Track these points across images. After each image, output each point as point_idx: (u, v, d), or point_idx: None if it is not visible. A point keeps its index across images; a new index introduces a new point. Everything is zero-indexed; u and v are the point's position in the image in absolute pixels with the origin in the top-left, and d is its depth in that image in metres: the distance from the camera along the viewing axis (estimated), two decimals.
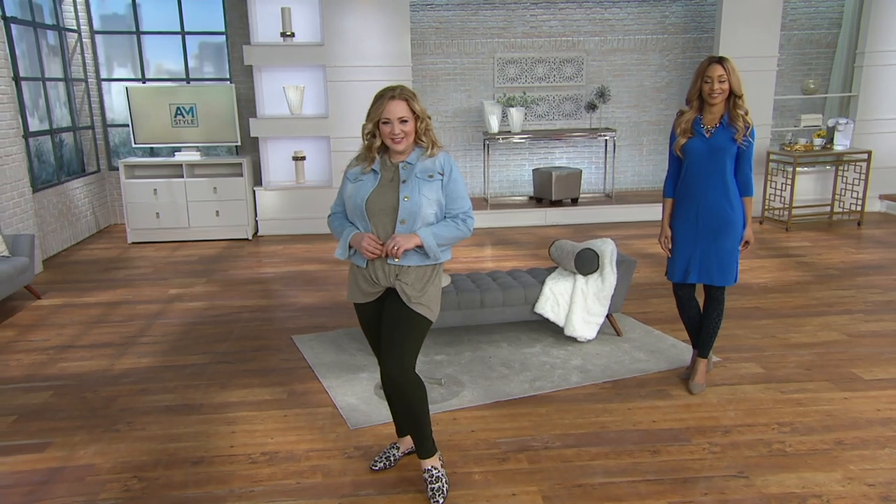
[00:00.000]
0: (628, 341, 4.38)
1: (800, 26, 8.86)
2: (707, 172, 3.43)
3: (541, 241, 7.22)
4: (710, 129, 3.42)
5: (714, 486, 2.83)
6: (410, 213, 2.63)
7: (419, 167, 2.67)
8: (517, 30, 8.65)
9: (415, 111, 2.63)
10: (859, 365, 3.98)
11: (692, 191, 3.49)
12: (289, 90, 7.68)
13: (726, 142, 3.39)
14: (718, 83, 3.32)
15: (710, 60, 3.38)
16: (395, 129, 2.60)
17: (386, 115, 2.60)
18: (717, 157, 3.41)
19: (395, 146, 2.64)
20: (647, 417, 3.43)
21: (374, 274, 2.73)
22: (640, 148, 9.09)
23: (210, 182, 7.60)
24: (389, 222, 2.67)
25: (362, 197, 2.67)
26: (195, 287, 5.94)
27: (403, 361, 2.71)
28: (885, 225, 7.66)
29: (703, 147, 3.42)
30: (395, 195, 2.65)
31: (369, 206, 2.66)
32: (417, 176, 2.66)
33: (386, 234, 2.67)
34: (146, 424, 3.51)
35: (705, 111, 3.44)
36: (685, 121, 3.47)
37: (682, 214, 3.56)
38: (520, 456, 3.11)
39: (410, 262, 2.69)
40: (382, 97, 2.62)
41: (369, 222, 2.68)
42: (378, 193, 2.67)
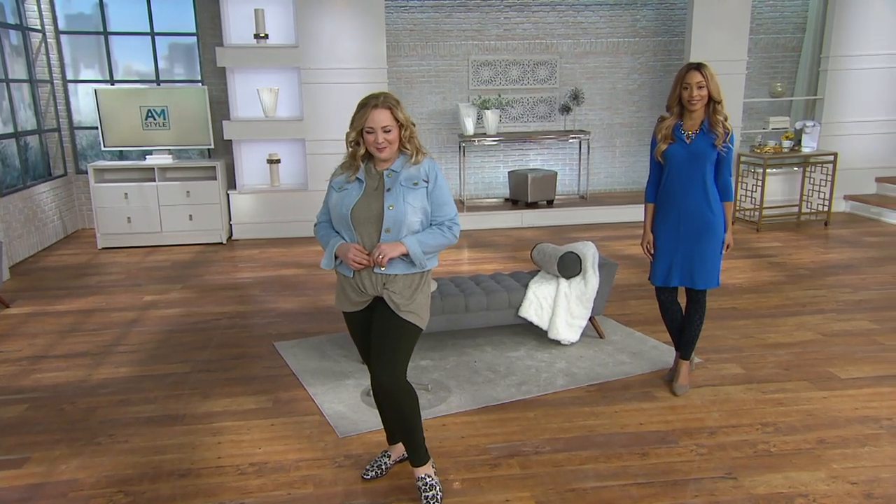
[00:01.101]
0: (611, 343, 4.42)
1: (766, 30, 9.04)
2: (688, 178, 3.48)
3: (518, 244, 7.26)
4: (690, 135, 3.46)
5: (704, 487, 2.88)
6: (395, 222, 2.62)
7: (404, 175, 2.66)
8: (491, 32, 8.68)
9: (398, 119, 2.62)
10: (835, 364, 4.08)
11: (673, 196, 3.54)
12: (263, 92, 7.59)
13: (706, 147, 3.43)
14: (697, 89, 3.37)
15: (689, 67, 3.41)
16: (379, 137, 2.59)
17: (369, 124, 2.58)
18: (698, 163, 3.45)
19: (379, 154, 2.63)
20: (633, 420, 3.46)
21: (361, 283, 2.72)
22: (613, 150, 9.20)
23: (183, 186, 7.48)
24: (374, 231, 2.65)
25: (347, 206, 2.66)
26: (170, 293, 5.83)
27: (395, 370, 2.71)
28: (850, 225, 7.86)
29: (683, 153, 3.47)
30: (380, 204, 2.64)
31: (354, 216, 2.65)
32: (402, 184, 2.64)
33: (371, 243, 2.66)
34: (128, 437, 3.44)
35: (685, 117, 3.49)
36: (665, 127, 3.52)
37: (664, 219, 3.61)
38: (511, 461, 3.12)
39: (397, 270, 2.68)
40: (366, 106, 2.60)
41: (354, 232, 2.67)
42: (363, 202, 2.66)
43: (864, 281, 5.70)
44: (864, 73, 8.40)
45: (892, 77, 8.42)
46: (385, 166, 2.69)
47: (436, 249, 2.73)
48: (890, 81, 8.43)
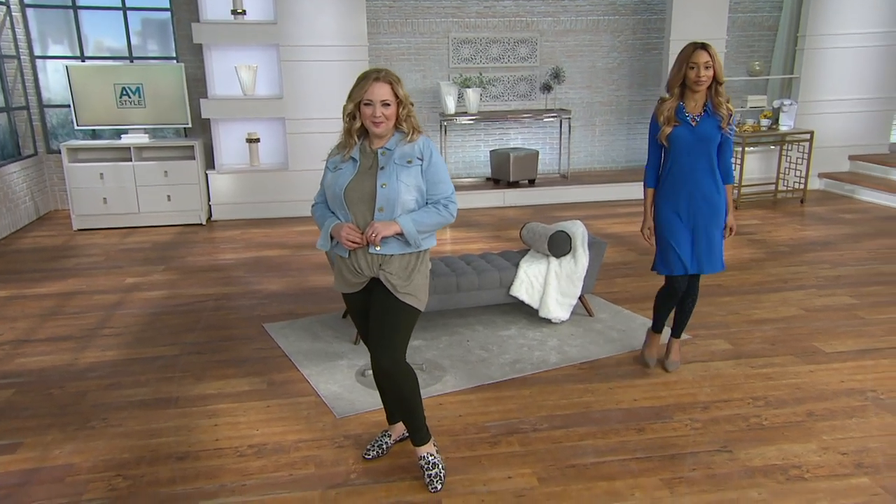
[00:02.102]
0: (600, 321, 4.48)
1: (743, 9, 9.11)
2: (695, 161, 3.39)
3: (501, 223, 7.28)
4: (695, 118, 3.36)
5: (700, 461, 2.95)
6: (388, 201, 2.59)
7: (398, 153, 2.62)
8: (471, 9, 8.60)
9: (398, 95, 2.59)
10: (819, 338, 4.18)
11: (681, 180, 3.43)
12: (241, 70, 7.45)
13: (713, 130, 3.35)
14: (704, 69, 3.25)
15: (695, 46, 3.30)
16: (377, 111, 2.55)
17: (368, 97, 2.55)
18: (705, 146, 3.37)
19: (375, 129, 2.59)
20: (628, 396, 3.52)
21: (357, 264, 2.70)
22: (593, 128, 9.23)
23: (160, 165, 7.33)
24: (368, 210, 2.63)
25: (341, 186, 2.64)
26: (153, 275, 5.74)
27: (394, 352, 2.70)
28: (825, 202, 8.02)
29: (689, 136, 3.36)
30: (373, 182, 2.61)
31: (348, 195, 2.63)
32: (396, 162, 2.61)
33: (365, 223, 2.63)
34: (122, 420, 3.40)
35: (687, 98, 3.37)
36: (668, 108, 3.38)
37: (670, 204, 3.48)
38: (510, 439, 3.15)
39: (392, 250, 2.66)
40: (367, 78, 2.57)
41: (349, 211, 2.64)
42: (357, 181, 2.63)
43: (842, 257, 5.83)
44: (839, 51, 8.52)
45: (867, 56, 8.56)
46: (380, 144, 2.65)
47: (431, 228, 2.70)
48: (864, 60, 8.57)
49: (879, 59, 8.60)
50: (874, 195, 7.98)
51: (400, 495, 2.77)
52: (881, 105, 8.79)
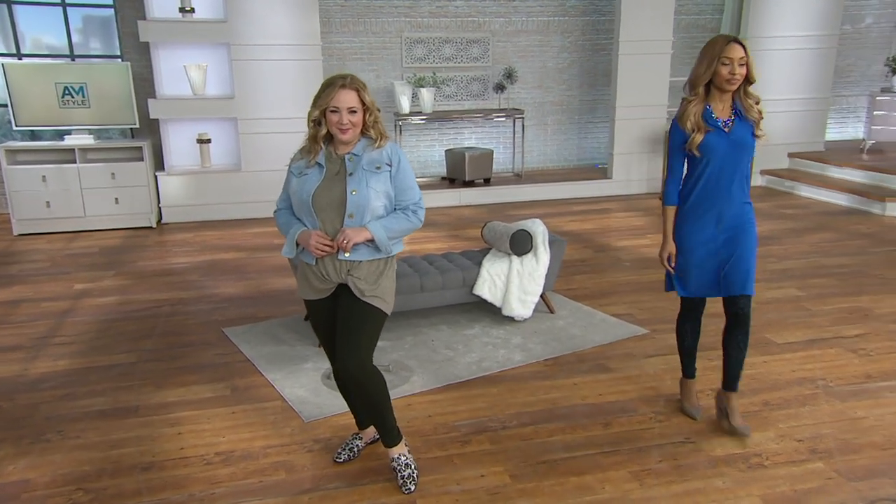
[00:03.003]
0: (561, 318, 4.54)
1: (687, 11, 9.36)
2: (730, 172, 2.94)
3: (458, 222, 7.30)
4: (726, 122, 2.93)
5: (667, 452, 3.02)
6: (358, 207, 2.59)
7: (366, 159, 2.62)
8: (423, 9, 8.60)
9: (365, 102, 2.57)
10: (770, 330, 4.33)
11: (714, 195, 2.97)
12: (190, 69, 7.27)
13: (747, 136, 2.93)
14: (739, 66, 2.85)
15: (727, 39, 2.88)
16: (343, 118, 2.53)
17: (335, 104, 2.53)
18: (740, 155, 2.93)
19: (342, 136, 2.57)
20: (592, 391, 3.58)
21: (324, 270, 2.68)
22: (546, 128, 9.35)
23: (107, 167, 7.10)
24: (337, 217, 2.61)
25: (308, 192, 2.60)
26: (103, 281, 5.56)
27: (361, 355, 2.68)
28: (767, 198, 8.31)
29: (724, 143, 2.91)
30: (342, 188, 2.59)
31: (316, 201, 2.60)
32: (364, 168, 2.60)
33: (334, 230, 2.61)
34: (80, 432, 3.28)
35: (714, 100, 2.94)
36: (694, 113, 2.92)
37: (700, 223, 3.03)
38: (481, 437, 3.17)
39: (361, 256, 2.65)
40: (333, 85, 2.55)
41: (316, 218, 2.61)
42: (324, 187, 2.60)
43: (787, 251, 6.06)
44: (777, 53, 8.84)
45: (804, 58, 8.90)
46: (346, 150, 2.63)
47: (401, 234, 2.71)
48: (801, 62, 8.91)
49: (815, 61, 8.96)
50: (812, 191, 8.32)
51: (374, 498, 2.76)
52: (817, 105, 9.17)
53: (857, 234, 6.52)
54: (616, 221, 7.29)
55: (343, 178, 2.60)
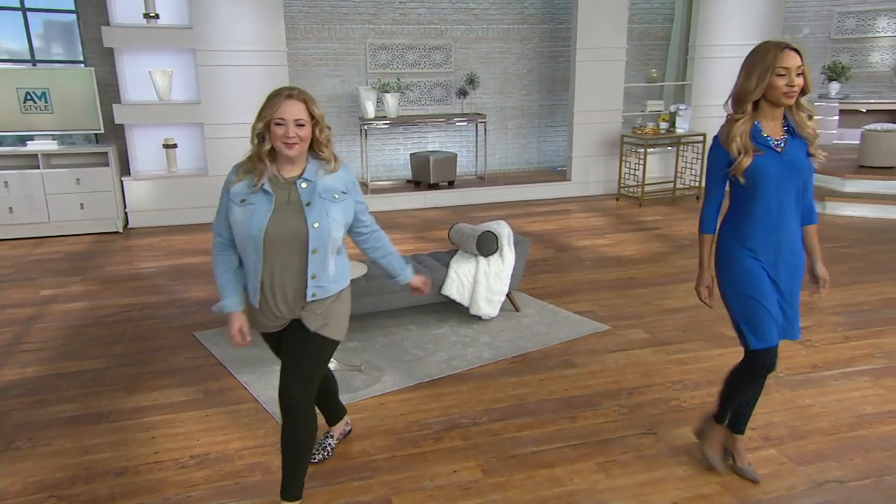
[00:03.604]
0: (527, 316, 4.58)
1: (639, 20, 9.52)
2: (784, 198, 2.50)
3: (424, 224, 7.30)
4: (778, 142, 2.49)
5: (630, 444, 3.08)
6: (321, 241, 2.32)
7: (321, 185, 2.33)
8: (387, 16, 8.58)
9: (314, 115, 2.30)
10: (723, 324, 4.41)
11: (768, 224, 2.51)
12: (156, 75, 7.12)
13: (802, 156, 2.51)
14: (796, 76, 2.41)
15: (780, 46, 2.42)
16: (290, 131, 2.24)
17: (280, 115, 2.24)
18: (796, 178, 2.51)
19: (287, 151, 2.27)
20: (559, 387, 3.63)
21: (275, 309, 2.42)
22: (506, 132, 9.41)
23: (71, 173, 6.90)
24: (296, 254, 2.32)
25: (259, 226, 2.28)
26: (70, 287, 5.40)
27: (308, 388, 2.50)
28: None
29: (777, 166, 2.47)
30: (300, 221, 2.30)
31: (269, 238, 2.28)
32: (322, 196, 2.32)
33: (291, 267, 2.33)
34: (51, 439, 3.19)
35: (764, 116, 2.50)
36: (741, 132, 2.47)
37: (753, 253, 2.55)
38: (452, 434, 3.18)
39: (326, 292, 2.42)
40: (278, 95, 2.28)
41: (262, 256, 2.31)
42: (278, 221, 2.29)
43: None
44: (724, 60, 9.02)
45: None
46: (293, 173, 2.34)
47: None
48: None
49: None
50: None
51: (349, 496, 2.75)
52: None
53: None
54: (576, 222, 7.38)
55: (298, 208, 2.31)
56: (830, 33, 10.15)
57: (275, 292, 2.38)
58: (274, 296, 2.38)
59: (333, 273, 2.43)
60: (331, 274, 2.42)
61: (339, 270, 2.46)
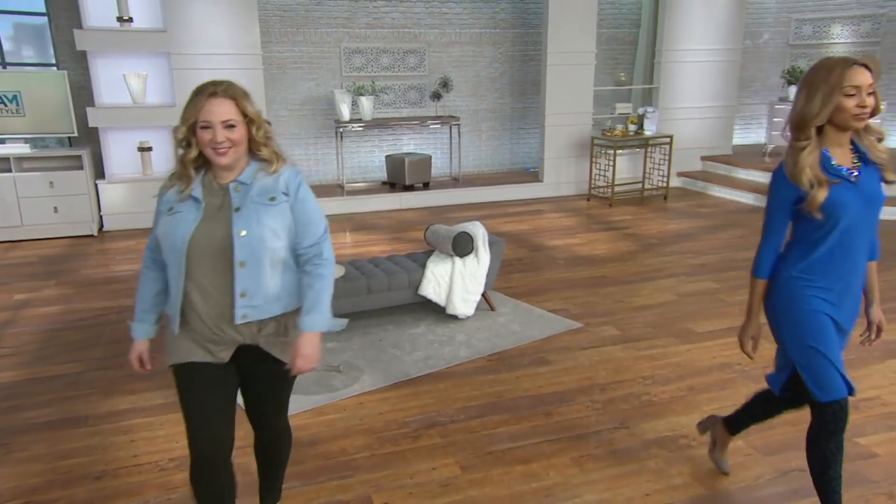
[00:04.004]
0: (502, 315, 4.60)
1: (607, 25, 9.61)
2: (857, 233, 2.18)
3: (400, 225, 7.29)
4: (850, 171, 2.16)
5: (603, 438, 3.11)
6: (251, 252, 1.96)
7: (257, 188, 2.00)
8: (361, 20, 8.54)
9: (246, 113, 1.96)
10: (691, 320, 4.51)
11: (841, 265, 2.20)
12: (130, 78, 6.99)
13: (877, 186, 2.19)
14: (867, 96, 2.09)
15: (849, 62, 2.09)
16: (218, 135, 1.91)
17: (205, 118, 1.91)
18: (872, 210, 2.19)
19: (219, 160, 1.94)
20: (533, 384, 3.65)
21: (219, 331, 2.03)
22: (480, 134, 9.43)
23: (45, 176, 6.75)
24: (222, 268, 1.96)
25: (182, 237, 1.95)
26: (44, 290, 5.29)
27: (285, 418, 2.34)
28: (684, 198, 8.63)
29: (855, 198, 2.14)
30: (226, 229, 1.95)
31: (193, 249, 1.95)
32: (255, 200, 1.98)
33: (218, 284, 1.98)
34: (27, 444, 3.12)
35: (831, 143, 2.16)
36: (811, 162, 2.12)
37: (822, 300, 2.22)
38: (431, 432, 3.18)
39: (272, 311, 2.06)
40: (201, 93, 1.93)
41: (182, 269, 1.97)
42: (203, 230, 1.96)
43: (703, 247, 6.31)
44: (689, 64, 9.18)
45: (712, 69, 9.28)
46: (229, 178, 2.01)
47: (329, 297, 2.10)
48: (710, 73, 9.29)
49: (722, 72, 9.36)
50: (723, 191, 8.68)
51: (330, 495, 2.74)
52: (725, 112, 9.58)
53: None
54: (548, 222, 7.43)
55: (228, 214, 1.97)
56: (789, 39, 10.35)
57: (200, 314, 2.01)
58: (200, 318, 2.01)
59: (275, 291, 2.03)
60: (270, 291, 2.02)
61: (284, 288, 2.06)
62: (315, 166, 8.71)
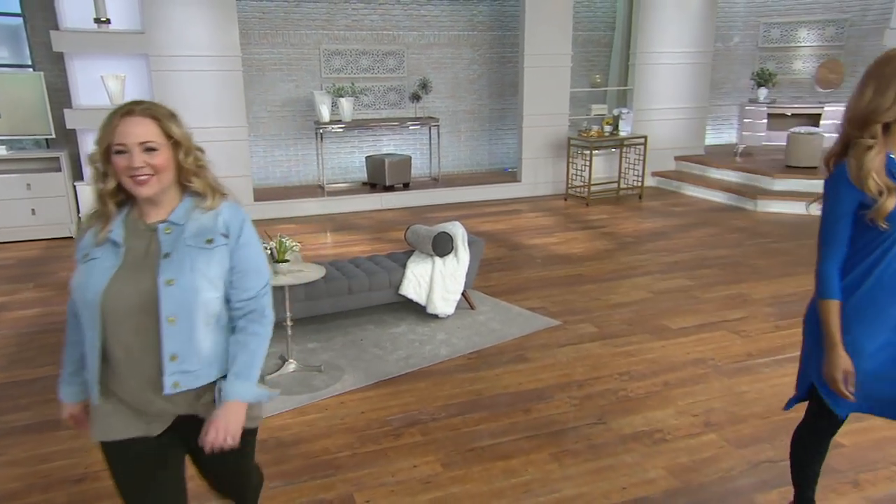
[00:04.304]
0: (482, 313, 4.61)
1: (583, 28, 9.67)
2: None
3: (381, 225, 7.27)
4: None
5: (581, 434, 3.13)
6: (182, 306, 1.61)
7: (190, 228, 1.67)
8: (340, 23, 8.50)
9: (172, 135, 1.64)
10: (666, 317, 4.56)
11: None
12: (108, 79, 6.87)
13: None
14: None
15: None
16: (135, 159, 1.59)
17: (120, 140, 1.60)
18: None
19: (139, 190, 1.62)
20: (513, 381, 3.66)
21: (146, 403, 1.69)
22: (459, 135, 9.44)
23: (22, 178, 6.62)
24: (147, 326, 1.61)
25: (95, 289, 1.60)
26: (22, 293, 5.19)
27: (250, 486, 2.08)
28: (658, 197, 8.72)
29: None
30: (151, 279, 1.61)
31: (110, 303, 1.60)
32: (189, 243, 1.65)
33: (144, 346, 1.63)
34: (5, 448, 3.07)
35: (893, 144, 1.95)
36: (877, 164, 1.90)
37: (878, 320, 1.99)
38: (412, 430, 3.18)
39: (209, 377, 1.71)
40: (115, 113, 1.64)
41: (98, 331, 1.62)
42: (123, 280, 1.61)
43: (677, 245, 6.38)
44: (663, 67, 9.28)
45: (685, 71, 9.39)
46: (158, 216, 1.68)
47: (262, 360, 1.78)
48: (683, 75, 9.39)
49: (694, 74, 9.47)
50: (696, 190, 8.79)
51: (312, 494, 2.72)
52: (697, 113, 9.69)
53: (734, 229, 6.95)
54: (526, 221, 7.45)
55: (153, 262, 1.63)
56: (758, 42, 10.51)
57: (122, 382, 1.67)
58: (123, 387, 1.68)
59: (211, 352, 1.69)
60: (205, 353, 1.68)
61: (222, 348, 1.72)
62: (295, 167, 8.66)
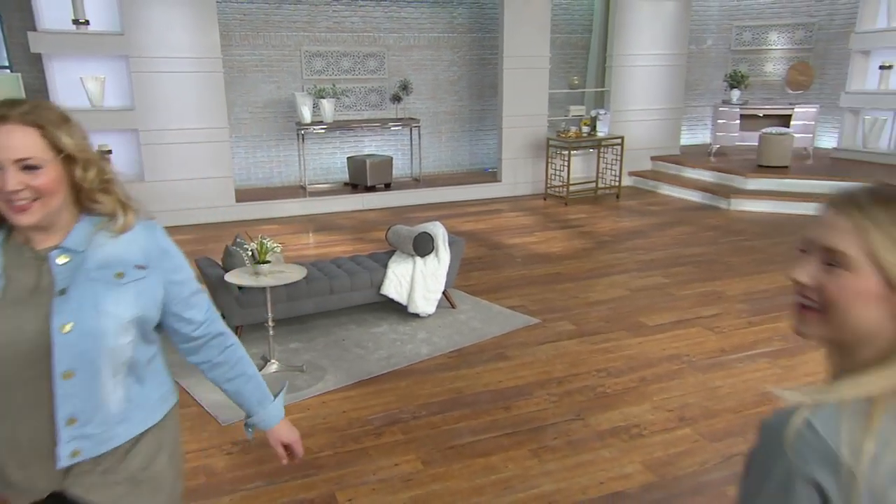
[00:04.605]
0: (463, 312, 4.61)
1: (560, 30, 9.71)
2: None
3: (362, 225, 7.25)
4: None
5: (560, 430, 3.15)
6: (82, 357, 1.26)
7: (94, 257, 1.30)
8: (321, 24, 8.46)
9: (61, 148, 1.24)
10: (643, 314, 4.60)
11: None
12: (87, 81, 6.79)
13: None
14: None
15: None
16: (9, 181, 1.20)
17: None
18: None
19: (18, 217, 1.23)
20: (493, 379, 3.67)
21: (22, 482, 1.30)
22: (440, 136, 9.44)
23: None
24: (34, 382, 1.25)
25: None
26: None
27: None
28: (635, 197, 8.79)
29: None
30: (42, 322, 1.24)
31: None
32: (93, 276, 1.29)
33: (29, 406, 1.26)
34: None
35: None
36: None
37: None
38: (393, 428, 3.18)
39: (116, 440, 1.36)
40: None
41: None
42: (5, 320, 1.24)
43: (653, 243, 6.44)
44: (639, 69, 9.36)
45: (660, 73, 9.48)
46: (49, 241, 1.30)
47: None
48: (658, 76, 9.48)
49: (669, 76, 9.56)
50: (671, 189, 8.88)
51: (293, 494, 2.71)
52: (673, 114, 9.79)
53: (708, 227, 7.03)
54: (506, 221, 7.48)
55: (46, 301, 1.26)
56: (731, 45, 10.63)
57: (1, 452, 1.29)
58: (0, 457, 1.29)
59: (120, 409, 1.35)
60: (113, 411, 1.34)
61: (134, 403, 1.38)
62: (277, 168, 8.60)
